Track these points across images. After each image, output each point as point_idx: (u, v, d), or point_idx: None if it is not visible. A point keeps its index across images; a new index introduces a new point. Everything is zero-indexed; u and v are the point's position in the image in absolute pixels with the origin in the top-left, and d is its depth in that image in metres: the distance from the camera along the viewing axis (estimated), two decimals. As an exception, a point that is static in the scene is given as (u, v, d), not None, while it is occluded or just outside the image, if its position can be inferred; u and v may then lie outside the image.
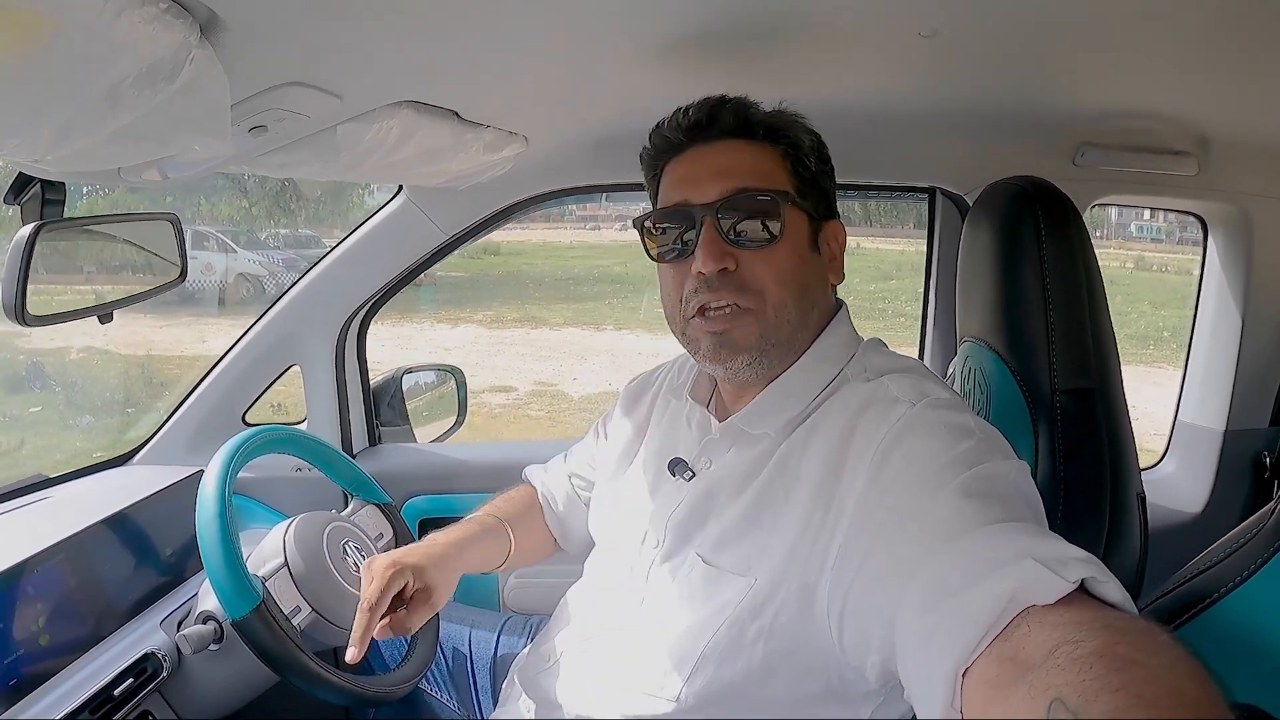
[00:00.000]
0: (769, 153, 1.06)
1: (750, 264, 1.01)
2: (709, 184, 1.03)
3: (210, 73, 0.68)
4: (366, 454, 2.02)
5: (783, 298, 1.02)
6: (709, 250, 1.00)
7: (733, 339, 1.02)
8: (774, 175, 1.05)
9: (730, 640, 0.94)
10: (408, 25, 0.84)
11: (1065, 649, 0.55)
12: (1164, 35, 1.07)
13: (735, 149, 1.05)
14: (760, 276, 1.01)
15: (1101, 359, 1.22)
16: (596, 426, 1.41)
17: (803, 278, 1.04)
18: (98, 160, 0.78)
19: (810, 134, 1.09)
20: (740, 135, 1.05)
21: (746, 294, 1.01)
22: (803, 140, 1.07)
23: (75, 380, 8.01)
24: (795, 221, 1.04)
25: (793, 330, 1.04)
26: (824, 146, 1.11)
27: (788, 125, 1.07)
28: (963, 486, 0.80)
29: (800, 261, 1.04)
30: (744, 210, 1.01)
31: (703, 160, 1.06)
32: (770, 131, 1.06)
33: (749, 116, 1.05)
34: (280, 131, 0.98)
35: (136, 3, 0.56)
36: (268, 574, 1.28)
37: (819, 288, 1.08)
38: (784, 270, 1.02)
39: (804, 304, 1.04)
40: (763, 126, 1.06)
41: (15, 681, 1.18)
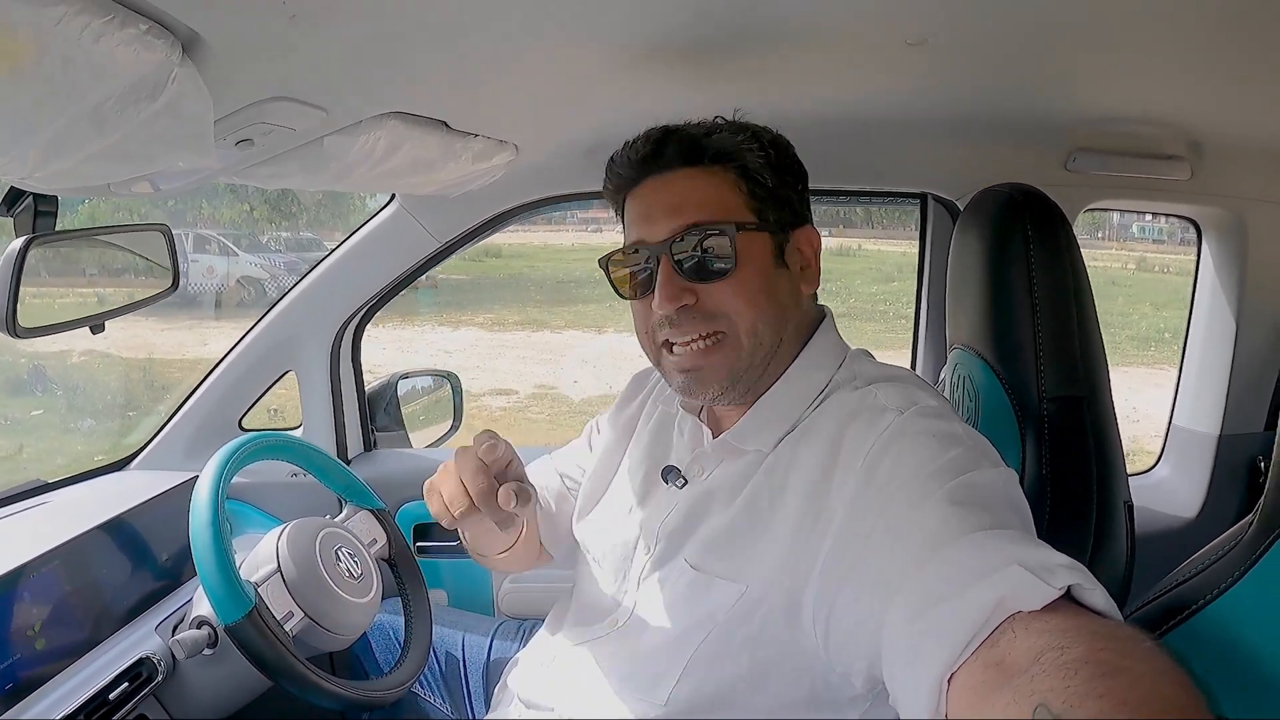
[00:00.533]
0: (720, 178, 1.04)
1: (713, 294, 1.01)
2: (661, 221, 1.03)
3: (193, 90, 0.68)
4: (361, 459, 2.03)
5: (754, 318, 1.02)
6: (665, 290, 1.01)
7: (702, 376, 1.04)
8: (726, 202, 1.03)
9: (718, 646, 0.95)
10: (391, 38, 0.85)
11: (1050, 655, 0.55)
12: (1155, 40, 1.07)
13: (685, 179, 1.04)
14: (724, 305, 1.02)
15: (1089, 367, 1.22)
16: (589, 430, 1.40)
17: (772, 295, 1.04)
18: (84, 178, 0.79)
19: (765, 147, 1.06)
20: (689, 163, 1.04)
21: (715, 320, 1.02)
22: (753, 159, 1.04)
23: (76, 383, 8.03)
24: (753, 244, 1.03)
25: (768, 352, 1.04)
26: (785, 153, 1.09)
27: (735, 147, 1.04)
28: (950, 494, 0.80)
29: (765, 282, 1.03)
30: (697, 245, 1.00)
31: (655, 195, 1.05)
32: (719, 156, 1.04)
33: (695, 144, 1.04)
34: (266, 144, 0.99)
35: (117, 25, 0.57)
36: (261, 580, 1.29)
37: (791, 302, 1.07)
38: (751, 293, 1.02)
39: (777, 321, 1.04)
40: (709, 152, 1.04)
41: (12, 685, 1.20)
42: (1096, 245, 14.37)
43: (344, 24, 0.77)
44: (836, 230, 14.03)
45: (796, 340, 1.07)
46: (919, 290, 1.99)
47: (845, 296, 11.45)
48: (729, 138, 1.04)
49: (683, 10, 0.92)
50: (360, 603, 1.39)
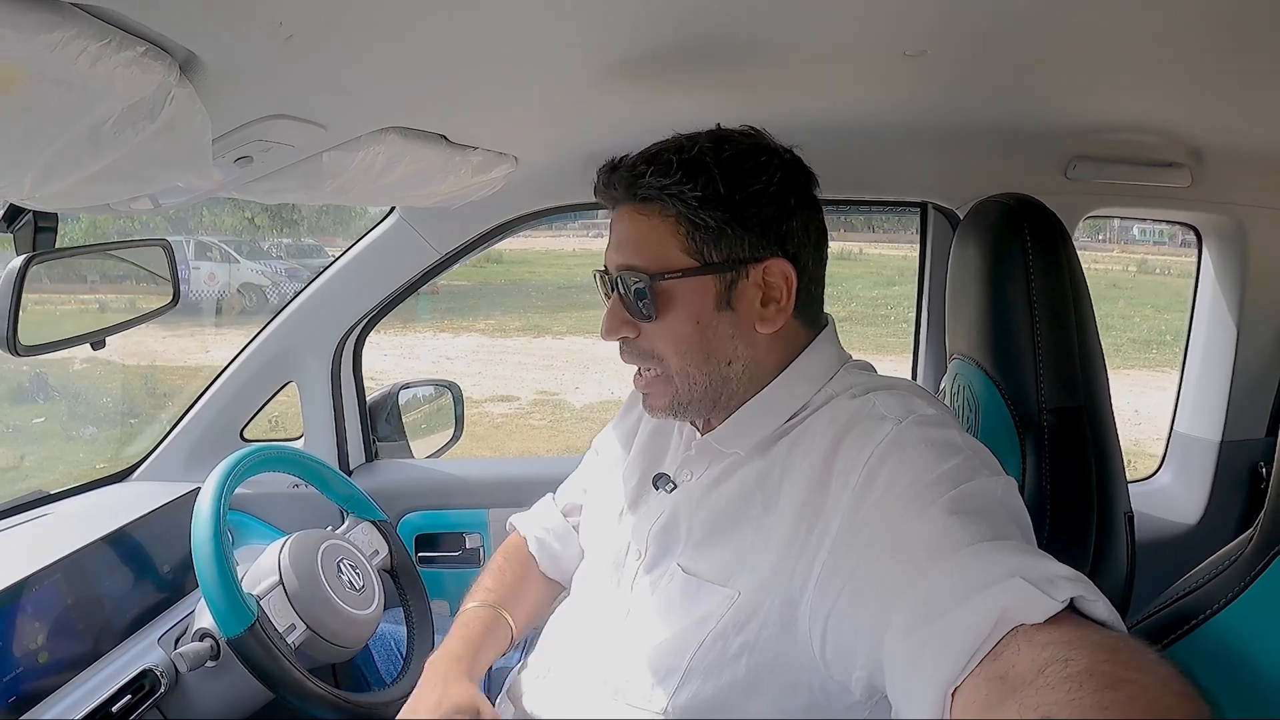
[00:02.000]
0: (656, 220, 1.00)
1: (648, 334, 1.04)
2: (613, 254, 1.05)
3: (191, 110, 0.68)
4: (363, 470, 2.03)
5: (682, 366, 1.02)
6: (608, 322, 1.04)
7: (651, 401, 1.08)
8: (660, 246, 1.00)
9: (715, 655, 0.94)
10: (388, 53, 0.85)
11: (1054, 668, 0.55)
12: (1154, 48, 1.06)
13: (628, 218, 1.03)
14: (657, 347, 1.03)
15: (1089, 377, 1.22)
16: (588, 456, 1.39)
17: (703, 344, 1.02)
18: (83, 198, 0.79)
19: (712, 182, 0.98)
20: (630, 200, 1.02)
21: (649, 359, 1.05)
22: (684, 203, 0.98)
23: (78, 391, 8.03)
24: (685, 290, 1.00)
25: (705, 390, 1.03)
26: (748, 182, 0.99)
27: (664, 190, 0.98)
28: (949, 504, 0.80)
29: (694, 330, 1.01)
30: (630, 287, 1.01)
31: (615, 225, 1.06)
32: (649, 199, 1.00)
33: (632, 182, 1.00)
34: (265, 161, 0.99)
35: (114, 48, 0.57)
36: (262, 592, 1.29)
37: (733, 344, 1.02)
38: (678, 340, 1.02)
39: (709, 366, 1.02)
40: (641, 192, 1.00)
41: (14, 698, 1.20)
42: (1098, 248, 14.37)
43: (341, 42, 0.78)
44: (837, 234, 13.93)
45: (764, 367, 1.05)
46: (919, 300, 1.99)
47: (846, 301, 11.44)
48: (657, 180, 0.98)
49: (680, 21, 0.92)
50: (362, 614, 1.39)
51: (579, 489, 1.38)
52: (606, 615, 1.11)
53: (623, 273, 1.01)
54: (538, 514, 1.40)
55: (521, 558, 1.37)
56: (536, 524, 1.38)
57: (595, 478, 1.32)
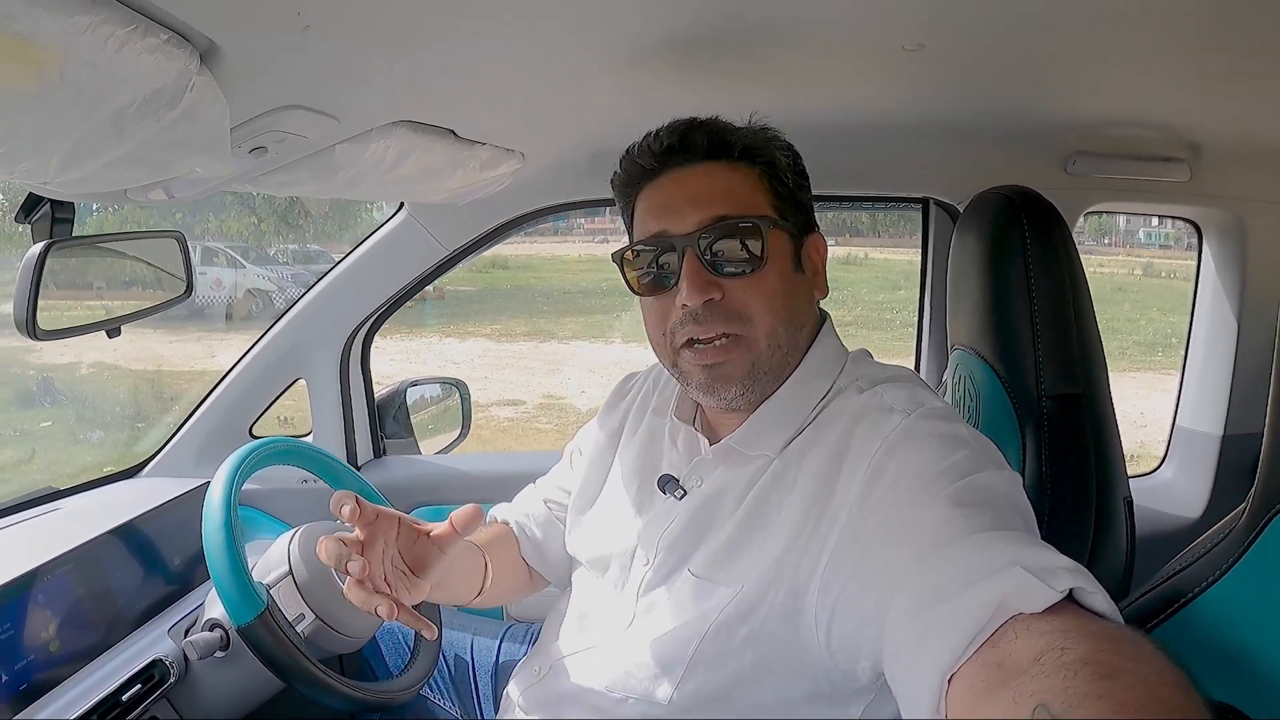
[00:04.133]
0: (746, 174, 1.03)
1: (737, 292, 0.99)
2: (688, 212, 1.00)
3: (210, 98, 0.70)
4: (371, 466, 2.05)
5: (773, 323, 1.00)
6: (693, 282, 0.98)
7: (724, 371, 1.01)
8: (753, 198, 1.02)
9: (719, 645, 0.95)
10: (401, 47, 0.87)
11: (1050, 656, 0.56)
12: (1153, 43, 1.07)
13: (711, 172, 1.02)
14: (749, 304, 1.00)
15: (1087, 365, 1.23)
16: (571, 449, 1.38)
17: (791, 300, 1.03)
18: (104, 183, 0.81)
19: (786, 149, 1.06)
20: (715, 157, 1.02)
21: (736, 321, 1.00)
22: (779, 157, 1.04)
23: (85, 395, 8.06)
24: (778, 243, 1.01)
25: (785, 354, 1.02)
26: (799, 160, 1.08)
27: (764, 144, 1.04)
28: (954, 495, 0.81)
29: (787, 284, 1.02)
30: (726, 238, 0.99)
31: (679, 187, 1.03)
32: (746, 152, 1.03)
33: (724, 138, 1.02)
34: (280, 152, 1.00)
35: (139, 35, 0.59)
36: (272, 582, 1.30)
37: (806, 307, 1.06)
38: (772, 295, 1.00)
39: (794, 326, 1.03)
40: (739, 147, 1.02)
41: (25, 686, 1.21)
42: (1103, 251, 14.35)
43: (356, 34, 0.79)
44: (843, 239, 14.04)
45: (804, 346, 1.06)
46: (922, 294, 2.00)
47: (852, 305, 11.44)
48: (758, 134, 1.04)
49: (685, 17, 0.93)
50: (370, 605, 1.40)
51: (557, 488, 1.37)
52: (609, 618, 1.11)
53: (718, 225, 0.99)
54: (518, 502, 1.41)
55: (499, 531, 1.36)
56: (517, 510, 1.39)
57: (580, 479, 1.29)
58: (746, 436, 1.04)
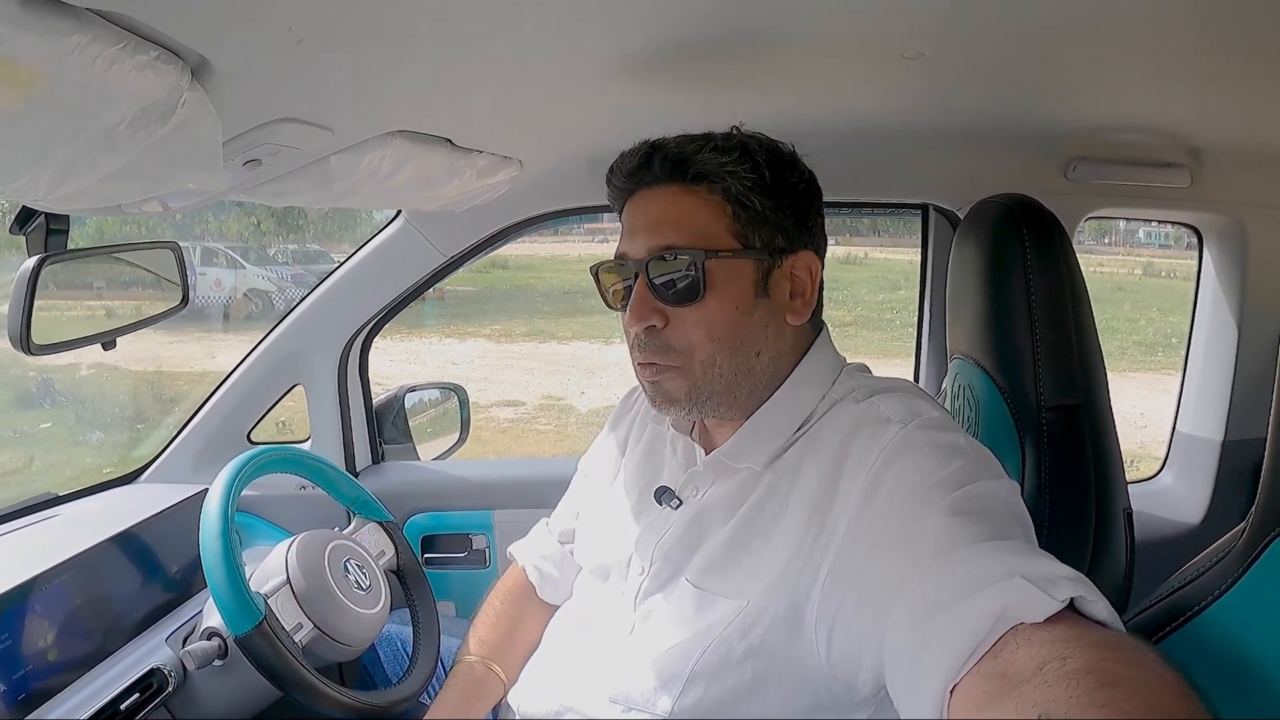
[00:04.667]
0: (704, 199, 1.01)
1: (678, 320, 1.00)
2: (641, 238, 1.02)
3: (202, 113, 0.70)
4: (370, 472, 2.04)
5: (710, 354, 1.00)
6: (634, 310, 1.01)
7: (664, 391, 1.03)
8: (707, 225, 1.00)
9: (719, 659, 0.95)
10: (394, 58, 0.86)
11: (1052, 665, 0.56)
12: (1153, 48, 1.07)
13: (669, 197, 1.02)
14: (687, 335, 1.00)
15: (1087, 375, 1.23)
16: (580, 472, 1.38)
17: (737, 331, 1.01)
18: (97, 199, 0.81)
19: (759, 168, 1.01)
20: (673, 180, 1.02)
21: (670, 353, 1.01)
22: (738, 182, 1.00)
23: (85, 397, 8.06)
24: (729, 273, 1.00)
25: (730, 382, 1.02)
26: (784, 174, 1.04)
27: (717, 169, 1.00)
28: (952, 505, 0.80)
29: (734, 315, 1.01)
30: (668, 267, 0.99)
31: (641, 210, 1.04)
32: (699, 176, 1.01)
33: (681, 161, 1.01)
34: (274, 164, 1.00)
35: (128, 53, 0.58)
36: (270, 591, 1.30)
37: (768, 333, 1.03)
38: (712, 327, 1.00)
39: (739, 356, 1.01)
40: (691, 170, 1.00)
41: (24, 695, 1.20)
42: (1103, 251, 14.36)
43: (348, 46, 0.79)
44: (843, 239, 14.03)
45: (783, 363, 1.05)
46: (921, 301, 1.99)
47: (852, 305, 11.45)
48: (713, 157, 1.00)
49: (682, 23, 0.93)
50: (369, 614, 1.40)
51: (571, 514, 1.37)
52: (608, 625, 1.11)
53: (661, 254, 0.99)
54: (534, 541, 1.40)
55: (519, 594, 1.36)
56: (534, 552, 1.37)
57: (587, 498, 1.31)
58: (733, 449, 1.04)
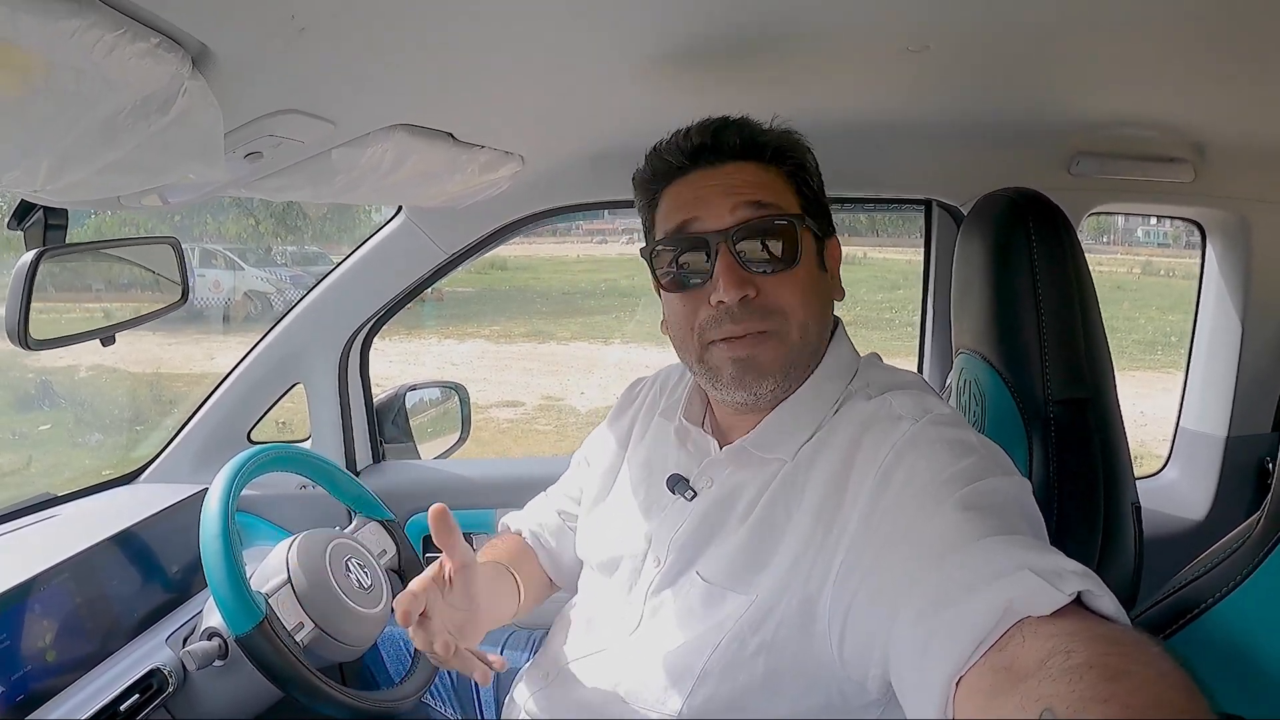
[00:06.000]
0: (776, 174, 1.04)
1: (771, 289, 1.00)
2: (721, 209, 1.00)
3: (203, 103, 0.69)
4: (370, 471, 2.03)
5: (805, 318, 1.01)
6: (730, 279, 0.98)
7: (758, 363, 1.00)
8: (785, 197, 1.03)
9: (730, 655, 0.94)
10: (398, 50, 0.85)
11: (1057, 659, 0.56)
12: (1156, 43, 1.06)
13: (743, 171, 1.02)
14: (783, 300, 1.00)
15: (1095, 369, 1.22)
16: (579, 457, 1.38)
17: (819, 298, 1.04)
18: (95, 190, 0.80)
19: (811, 153, 1.08)
20: (746, 157, 1.03)
21: (771, 317, 1.00)
22: (808, 160, 1.07)
23: (84, 398, 8.06)
24: (807, 243, 1.03)
25: (813, 351, 1.04)
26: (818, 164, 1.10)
27: (793, 145, 1.06)
28: (962, 501, 0.80)
29: (816, 282, 1.04)
30: (761, 235, 0.99)
31: (710, 184, 1.03)
32: (778, 153, 1.04)
33: (755, 138, 1.04)
34: (275, 157, 0.99)
35: (128, 39, 0.58)
36: (271, 590, 1.29)
37: (830, 307, 1.08)
38: (805, 291, 1.01)
39: (822, 324, 1.04)
40: (770, 148, 1.04)
41: (23, 697, 1.20)
42: (1102, 250, 14.38)
43: (351, 37, 0.78)
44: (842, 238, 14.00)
45: (825, 347, 1.07)
46: (925, 296, 1.99)
47: (851, 305, 11.36)
48: (786, 136, 1.06)
49: (687, 19, 0.92)
50: (370, 613, 1.39)
51: (567, 498, 1.37)
52: (619, 620, 1.10)
53: (755, 220, 0.99)
54: (531, 511, 1.41)
55: (518, 546, 1.36)
56: (531, 519, 1.39)
57: (589, 486, 1.30)
58: (763, 438, 1.03)
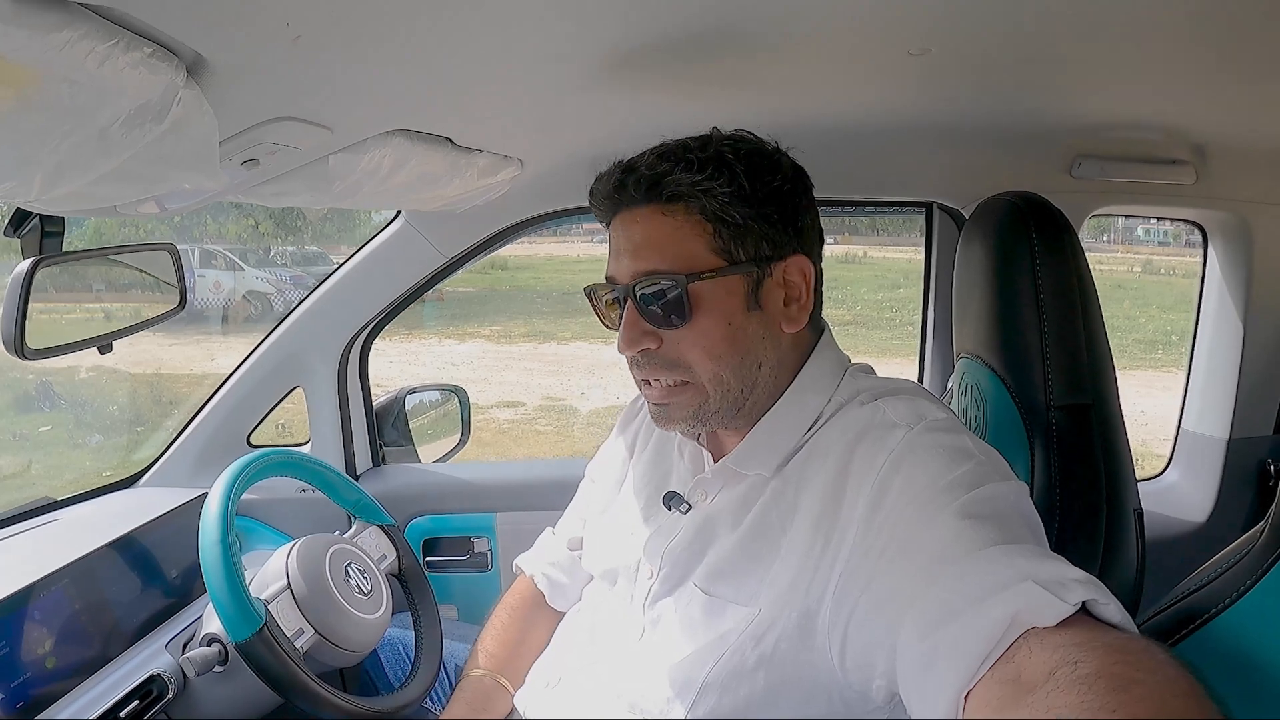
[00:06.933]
0: (682, 219, 0.99)
1: (673, 341, 1.00)
2: (626, 262, 1.01)
3: (198, 112, 0.69)
4: (370, 475, 2.03)
5: (714, 370, 0.99)
6: (626, 335, 1.00)
7: (669, 413, 1.03)
8: (686, 246, 0.98)
9: (732, 668, 0.94)
10: (394, 56, 0.85)
11: (1065, 670, 0.56)
12: (1157, 45, 1.06)
13: (648, 219, 1.00)
14: (685, 354, 1.00)
15: (1096, 374, 1.21)
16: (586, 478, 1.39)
17: (735, 345, 1.00)
18: (91, 200, 0.80)
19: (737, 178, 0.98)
20: (650, 201, 1.00)
21: (675, 369, 1.00)
22: (713, 200, 0.98)
23: (84, 399, 8.07)
24: (715, 291, 0.98)
25: (738, 396, 1.01)
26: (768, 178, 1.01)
27: (689, 189, 0.98)
28: (962, 509, 0.79)
29: (729, 330, 0.99)
30: (655, 292, 0.98)
31: (623, 232, 1.03)
32: (673, 198, 0.99)
33: (655, 183, 0.99)
34: (272, 164, 0.99)
35: (122, 49, 0.57)
36: (270, 596, 1.29)
37: (765, 344, 1.02)
38: (709, 344, 0.99)
39: (743, 369, 1.00)
40: (665, 192, 0.98)
41: (23, 704, 1.20)
42: (1102, 249, 14.37)
43: (347, 43, 0.78)
44: (842, 238, 14.05)
45: (785, 370, 1.04)
46: (925, 300, 1.98)
47: (851, 305, 11.45)
48: (686, 176, 0.98)
49: (686, 21, 0.92)
50: (370, 618, 1.39)
51: (578, 520, 1.37)
52: (618, 630, 1.10)
53: (645, 279, 0.98)
54: (541, 550, 1.40)
55: (527, 605, 1.36)
56: (542, 560, 1.37)
57: (595, 501, 1.30)
58: (741, 456, 1.03)
